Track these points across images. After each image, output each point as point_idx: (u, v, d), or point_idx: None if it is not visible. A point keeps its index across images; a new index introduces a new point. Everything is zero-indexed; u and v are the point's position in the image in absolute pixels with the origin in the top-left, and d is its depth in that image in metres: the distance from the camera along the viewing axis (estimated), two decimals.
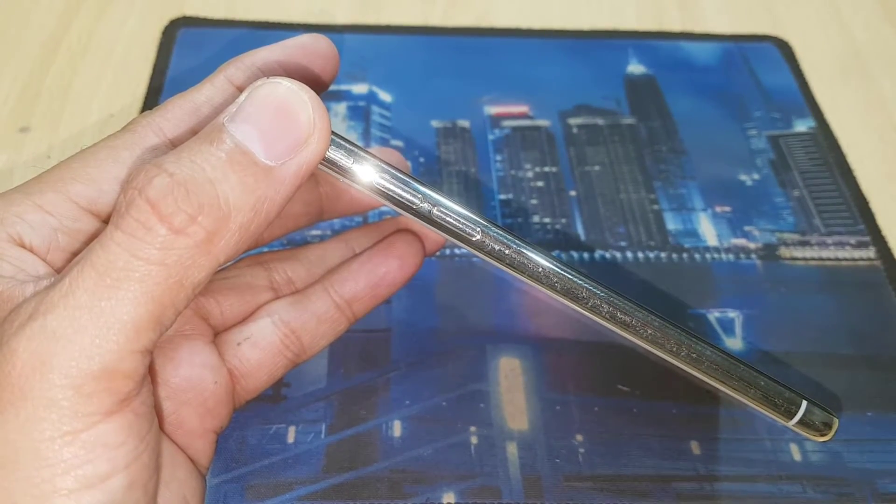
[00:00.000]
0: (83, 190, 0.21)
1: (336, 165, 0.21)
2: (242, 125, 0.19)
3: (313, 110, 0.19)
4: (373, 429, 0.29)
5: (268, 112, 0.19)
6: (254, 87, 0.19)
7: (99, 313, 0.17)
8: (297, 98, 0.19)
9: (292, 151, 0.19)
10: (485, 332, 0.32)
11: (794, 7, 0.46)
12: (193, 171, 0.18)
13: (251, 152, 0.19)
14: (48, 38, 0.42)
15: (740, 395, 0.24)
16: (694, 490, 0.28)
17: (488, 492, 0.28)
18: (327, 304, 0.27)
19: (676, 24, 0.45)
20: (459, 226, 0.22)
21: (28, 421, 0.17)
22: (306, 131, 0.19)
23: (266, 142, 0.19)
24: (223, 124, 0.19)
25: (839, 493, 0.28)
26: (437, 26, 0.44)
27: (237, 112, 0.19)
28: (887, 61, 0.44)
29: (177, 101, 0.22)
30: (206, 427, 0.25)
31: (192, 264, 0.18)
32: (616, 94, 0.41)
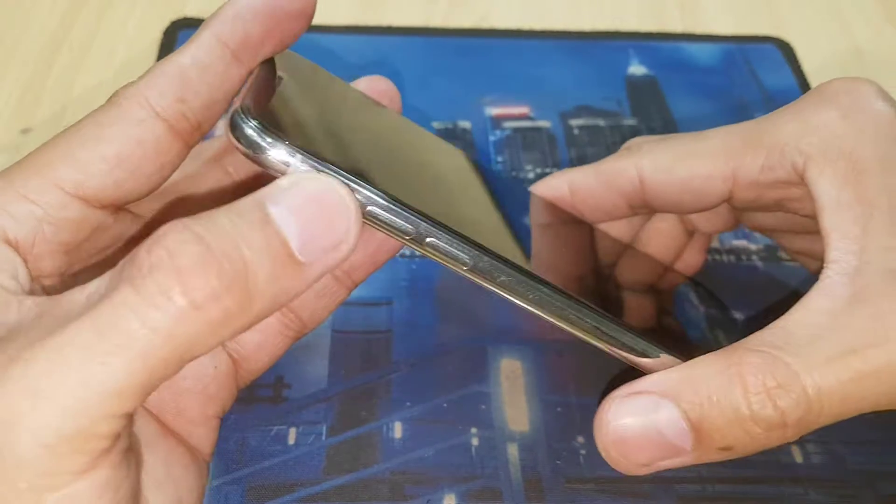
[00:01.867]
0: (69, 174, 0.20)
1: None
2: (285, 213, 0.18)
3: (353, 219, 0.19)
4: (374, 430, 0.29)
5: (312, 209, 0.19)
6: (300, 178, 0.19)
7: (88, 376, 0.16)
8: (342, 204, 0.19)
9: (324, 252, 0.19)
10: (486, 333, 0.32)
11: (796, 8, 0.46)
12: (231, 247, 0.17)
13: (289, 244, 0.18)
14: (49, 39, 0.42)
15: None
16: (695, 492, 0.28)
17: (489, 493, 0.28)
18: (326, 277, 0.26)
19: (678, 25, 0.45)
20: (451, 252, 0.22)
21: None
22: (343, 237, 0.19)
23: (304, 238, 0.18)
24: (265, 203, 0.18)
25: (840, 496, 0.28)
26: (438, 27, 0.44)
27: (280, 197, 0.18)
28: (888, 62, 0.44)
29: (160, 66, 0.21)
30: (209, 413, 0.24)
31: (199, 342, 0.17)
32: (617, 95, 0.41)
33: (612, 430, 0.21)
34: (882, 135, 0.23)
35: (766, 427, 0.21)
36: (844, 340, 0.21)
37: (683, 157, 0.26)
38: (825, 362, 0.21)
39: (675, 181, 0.26)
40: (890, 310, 0.21)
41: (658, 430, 0.21)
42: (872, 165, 0.22)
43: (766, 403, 0.20)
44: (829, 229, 0.22)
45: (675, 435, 0.21)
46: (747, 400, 0.21)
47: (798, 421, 0.21)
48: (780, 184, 0.24)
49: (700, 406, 0.21)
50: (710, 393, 0.21)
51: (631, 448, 0.22)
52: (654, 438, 0.21)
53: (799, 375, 0.20)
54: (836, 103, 0.24)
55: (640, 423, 0.21)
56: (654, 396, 0.21)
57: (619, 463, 0.22)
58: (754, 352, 0.21)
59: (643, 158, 0.27)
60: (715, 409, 0.21)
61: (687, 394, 0.21)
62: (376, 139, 0.25)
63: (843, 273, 0.22)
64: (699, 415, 0.21)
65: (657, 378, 0.22)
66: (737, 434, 0.21)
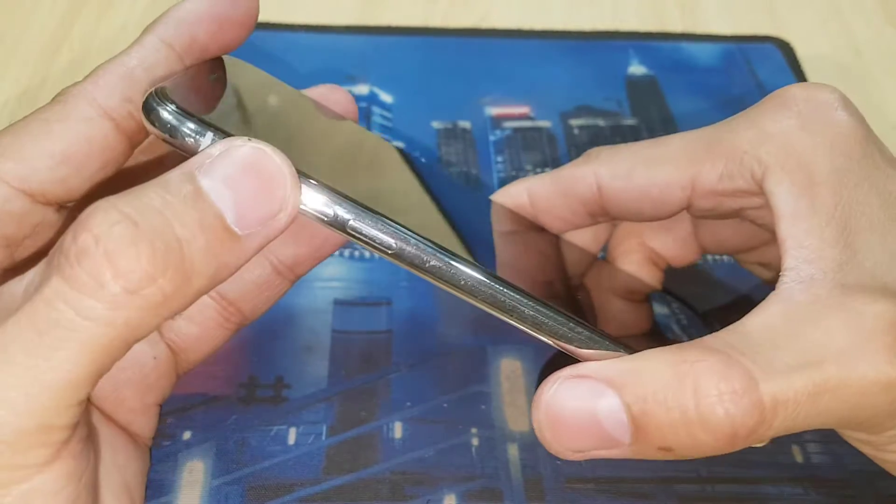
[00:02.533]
0: (14, 168, 0.20)
1: None
2: (219, 185, 0.18)
3: (290, 185, 0.18)
4: (374, 430, 0.29)
5: (246, 178, 0.18)
6: (232, 146, 0.18)
7: (36, 373, 0.16)
8: (277, 170, 0.18)
9: (262, 223, 0.18)
10: (486, 333, 0.32)
11: (795, 8, 0.46)
12: (162, 225, 0.17)
13: (224, 217, 0.18)
14: (49, 40, 0.42)
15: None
16: (695, 492, 0.28)
17: (490, 493, 0.27)
18: (266, 270, 0.26)
19: (677, 25, 0.45)
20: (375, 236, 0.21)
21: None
22: (280, 206, 0.18)
23: (239, 210, 0.18)
24: (196, 176, 0.18)
25: (841, 496, 0.28)
26: (438, 27, 0.44)
27: (212, 167, 0.18)
28: (888, 62, 0.44)
29: (108, 66, 0.21)
30: (148, 402, 0.24)
31: (140, 324, 0.17)
32: (617, 95, 0.41)
33: (548, 409, 0.20)
34: (838, 146, 0.23)
35: (713, 434, 0.19)
36: (804, 351, 0.20)
37: (641, 164, 0.26)
38: (785, 371, 0.19)
39: (633, 188, 0.26)
40: (845, 325, 0.20)
41: (596, 418, 0.20)
42: (828, 177, 0.22)
43: (716, 409, 0.19)
44: (785, 238, 0.22)
45: (613, 426, 0.20)
46: (696, 402, 0.19)
47: (749, 431, 0.19)
48: (739, 192, 0.24)
49: (644, 400, 0.19)
50: (658, 388, 0.19)
51: (565, 431, 0.20)
52: (591, 426, 0.20)
53: (758, 383, 0.19)
54: (795, 112, 0.24)
55: (578, 407, 0.20)
56: (597, 382, 0.20)
57: (551, 445, 0.21)
58: (712, 350, 0.20)
59: (601, 165, 0.26)
60: (660, 407, 0.19)
61: (632, 385, 0.20)
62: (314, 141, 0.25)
63: (799, 281, 0.21)
64: (642, 409, 0.19)
65: (603, 365, 0.20)
66: (680, 436, 0.20)
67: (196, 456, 0.28)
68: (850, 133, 0.23)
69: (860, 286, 0.21)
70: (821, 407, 0.20)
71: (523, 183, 0.28)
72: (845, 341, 0.20)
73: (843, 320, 0.20)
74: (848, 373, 0.20)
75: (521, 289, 0.22)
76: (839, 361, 0.20)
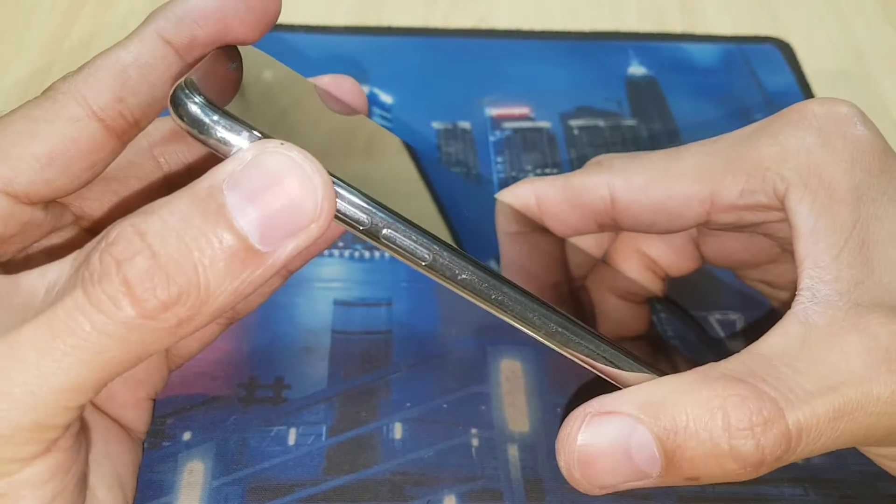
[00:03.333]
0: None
1: None
2: (245, 203, 0.17)
3: (323, 196, 0.18)
4: (374, 431, 0.29)
5: (274, 192, 0.17)
6: (263, 153, 0.18)
7: (44, 374, 0.17)
8: (308, 182, 0.17)
9: (290, 238, 0.18)
10: (486, 334, 0.32)
11: (795, 8, 0.46)
12: (180, 254, 0.17)
13: (247, 237, 0.17)
14: (49, 39, 0.42)
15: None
16: (695, 492, 0.28)
17: (489, 494, 0.27)
18: None
19: (677, 26, 0.45)
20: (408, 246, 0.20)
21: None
22: (310, 218, 0.18)
23: (265, 227, 0.17)
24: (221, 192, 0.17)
25: (842, 496, 0.28)
26: (438, 28, 0.44)
27: (239, 180, 0.17)
28: (888, 62, 0.44)
29: (100, 61, 0.21)
30: (139, 396, 0.24)
31: (154, 342, 0.17)
32: (617, 95, 0.41)
33: (579, 450, 0.20)
34: (858, 163, 0.23)
35: (743, 464, 0.20)
36: (823, 375, 0.20)
37: (659, 177, 0.25)
38: (807, 398, 0.20)
39: (650, 202, 0.25)
40: (860, 347, 0.20)
41: (628, 454, 0.20)
42: (848, 196, 0.22)
43: (748, 441, 0.19)
44: (804, 256, 0.22)
45: (644, 461, 0.20)
46: (729, 435, 0.19)
47: (776, 459, 0.20)
48: (760, 207, 0.24)
49: (675, 434, 0.20)
50: (689, 422, 0.19)
51: (597, 471, 0.20)
52: (623, 462, 0.20)
53: (784, 412, 0.19)
54: (816, 127, 0.24)
55: (610, 445, 0.20)
56: (628, 419, 0.20)
57: (580, 483, 0.21)
58: (739, 382, 0.20)
59: (616, 176, 0.26)
60: (692, 440, 0.19)
61: (663, 419, 0.20)
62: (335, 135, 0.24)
63: (815, 301, 0.21)
64: (674, 444, 0.20)
65: (631, 396, 0.20)
66: (709, 466, 0.20)
67: (196, 456, 0.28)
68: (869, 148, 0.23)
69: (876, 305, 0.21)
70: (840, 430, 0.20)
71: (531, 185, 0.28)
72: (861, 364, 0.20)
73: (858, 342, 0.20)
74: (864, 396, 0.20)
75: (548, 304, 0.22)
76: (856, 385, 0.20)
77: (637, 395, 0.20)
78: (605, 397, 0.21)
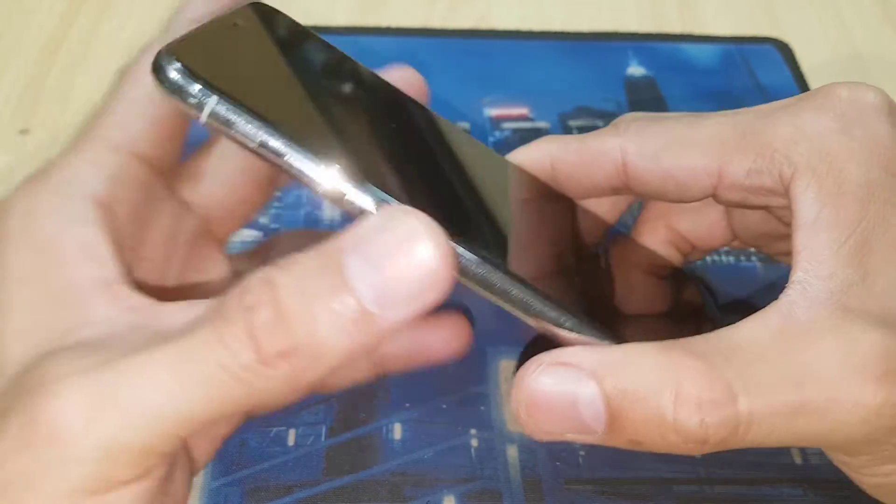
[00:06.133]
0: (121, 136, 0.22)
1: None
2: (365, 268, 0.18)
3: (442, 266, 0.18)
4: (373, 432, 0.29)
5: (398, 261, 0.18)
6: (391, 219, 0.18)
7: (164, 397, 0.18)
8: (433, 254, 0.18)
9: (405, 305, 0.18)
10: (485, 334, 0.32)
11: (794, 9, 0.46)
12: (302, 309, 0.18)
13: (363, 301, 0.18)
14: (48, 40, 0.42)
15: None
16: (694, 493, 0.28)
17: (489, 495, 0.28)
18: None
19: (676, 26, 0.45)
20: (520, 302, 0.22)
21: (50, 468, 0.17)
22: (428, 286, 0.18)
23: (384, 292, 0.18)
24: (347, 256, 0.18)
25: (840, 497, 0.28)
26: (438, 28, 0.44)
27: (363, 246, 0.18)
28: (887, 63, 0.44)
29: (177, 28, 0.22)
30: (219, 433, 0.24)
31: (268, 389, 0.18)
32: (616, 95, 0.41)
33: (528, 390, 0.20)
34: (876, 156, 0.22)
35: (684, 438, 0.20)
36: (789, 370, 0.20)
37: (670, 146, 0.25)
38: (765, 388, 0.20)
39: (659, 170, 0.25)
40: (836, 351, 0.20)
41: (574, 404, 0.20)
42: (857, 190, 0.22)
43: (693, 416, 0.19)
44: (801, 248, 0.22)
45: (589, 414, 0.20)
46: (675, 407, 0.19)
47: (720, 441, 0.20)
48: (765, 190, 0.24)
49: (623, 395, 0.20)
50: (639, 385, 0.19)
51: (543, 414, 0.20)
52: (568, 411, 0.20)
53: (737, 397, 0.19)
54: (837, 113, 0.23)
55: (558, 391, 0.20)
56: (580, 372, 0.20)
57: (526, 424, 0.21)
58: (698, 356, 0.20)
59: (629, 141, 0.25)
60: (638, 405, 0.19)
61: (614, 379, 0.20)
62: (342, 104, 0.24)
63: (803, 296, 0.21)
64: (620, 403, 0.20)
65: (587, 353, 0.20)
66: (652, 433, 0.20)
67: None
68: (892, 143, 0.22)
69: (863, 311, 0.20)
70: (796, 427, 0.20)
71: (546, 145, 0.27)
72: (833, 367, 0.20)
73: (836, 346, 0.20)
74: (827, 399, 0.20)
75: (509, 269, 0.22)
76: (821, 387, 0.20)
77: (595, 352, 0.20)
78: (565, 350, 0.21)
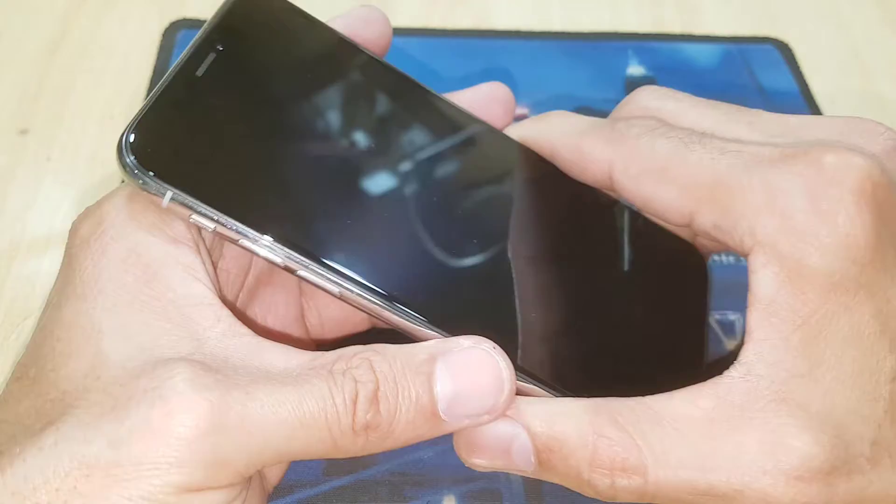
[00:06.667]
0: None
1: None
2: (446, 377, 0.21)
3: (507, 393, 0.21)
4: None
5: (474, 382, 0.21)
6: (478, 347, 0.21)
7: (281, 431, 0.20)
8: (501, 388, 0.21)
9: (467, 418, 0.21)
10: None
11: (794, 9, 0.46)
12: (391, 394, 0.20)
13: (437, 404, 0.21)
14: (48, 39, 0.42)
15: None
16: None
17: (489, 495, 0.28)
18: None
19: (676, 26, 0.45)
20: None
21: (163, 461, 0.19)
22: (491, 408, 0.21)
23: (454, 401, 0.21)
24: (436, 362, 0.21)
25: None
26: (437, 28, 0.44)
27: (449, 359, 0.21)
28: (887, 63, 0.44)
29: None
30: None
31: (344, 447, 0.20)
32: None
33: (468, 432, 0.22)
34: (844, 247, 0.21)
35: (596, 493, 0.22)
36: (704, 453, 0.21)
37: (652, 174, 0.25)
38: (676, 465, 0.21)
39: (640, 193, 0.25)
40: (759, 444, 0.20)
41: (508, 450, 0.22)
42: (819, 277, 0.21)
43: (604, 479, 0.21)
44: (752, 328, 0.21)
45: (520, 458, 0.22)
46: (590, 468, 0.22)
47: (630, 498, 0.22)
48: (727, 248, 0.24)
49: (550, 450, 0.22)
50: (563, 445, 0.22)
51: (480, 451, 0.23)
52: (503, 455, 0.22)
53: (647, 470, 0.21)
54: (815, 188, 0.21)
55: (495, 439, 0.22)
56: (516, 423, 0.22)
57: (460, 452, 0.23)
58: (619, 428, 0.21)
59: (617, 156, 0.26)
60: (561, 461, 0.22)
61: (545, 436, 0.22)
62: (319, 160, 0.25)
63: (744, 380, 0.21)
64: (548, 457, 0.22)
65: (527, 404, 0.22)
66: (571, 484, 0.22)
67: None
68: (868, 231, 0.21)
69: (802, 405, 0.20)
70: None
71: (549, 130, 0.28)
72: (750, 460, 0.21)
73: (759, 439, 0.21)
74: (735, 490, 0.21)
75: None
76: (732, 476, 0.21)
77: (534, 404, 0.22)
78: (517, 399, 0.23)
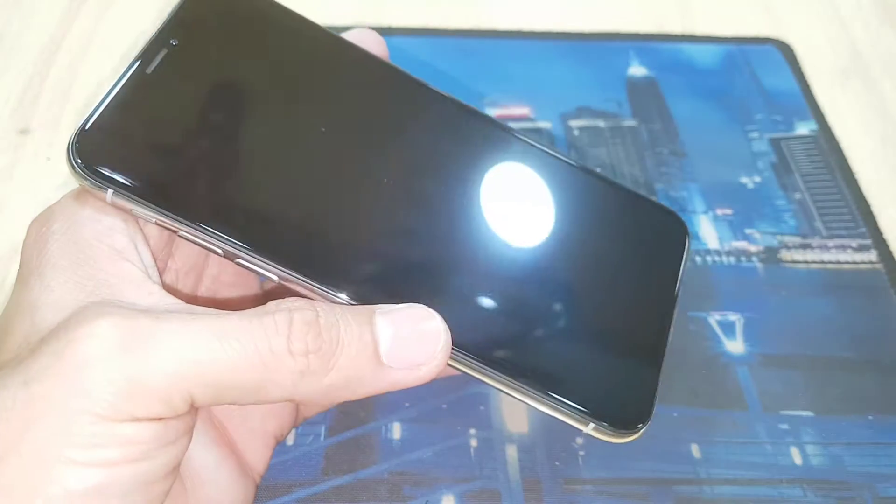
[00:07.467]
0: None
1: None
2: (386, 322, 0.22)
3: (442, 346, 0.22)
4: (372, 431, 0.29)
5: (414, 332, 0.22)
6: (416, 308, 0.23)
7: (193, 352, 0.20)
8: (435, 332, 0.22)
9: (405, 367, 0.22)
10: None
11: (796, 9, 0.46)
12: (332, 327, 0.21)
13: (378, 343, 0.22)
14: (49, 39, 0.42)
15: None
16: (693, 493, 0.28)
17: (488, 494, 0.27)
18: None
19: (677, 27, 0.45)
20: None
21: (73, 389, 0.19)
22: (425, 364, 0.22)
23: (393, 346, 0.22)
24: (374, 311, 0.22)
25: (840, 497, 0.28)
26: (439, 28, 0.44)
27: (389, 311, 0.22)
28: (888, 63, 0.44)
29: None
30: (267, 429, 0.26)
31: (280, 382, 0.21)
32: (617, 96, 0.41)
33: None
34: None
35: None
36: None
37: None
38: None
39: None
40: None
41: None
42: None
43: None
44: None
45: None
46: None
47: None
48: None
49: None
50: None
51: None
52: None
53: None
54: None
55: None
56: None
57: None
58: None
59: None
60: None
61: None
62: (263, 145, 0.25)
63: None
64: None
65: None
66: None
67: None
68: None
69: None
70: None
71: None
72: None
73: None
74: None
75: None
76: None
77: None
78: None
